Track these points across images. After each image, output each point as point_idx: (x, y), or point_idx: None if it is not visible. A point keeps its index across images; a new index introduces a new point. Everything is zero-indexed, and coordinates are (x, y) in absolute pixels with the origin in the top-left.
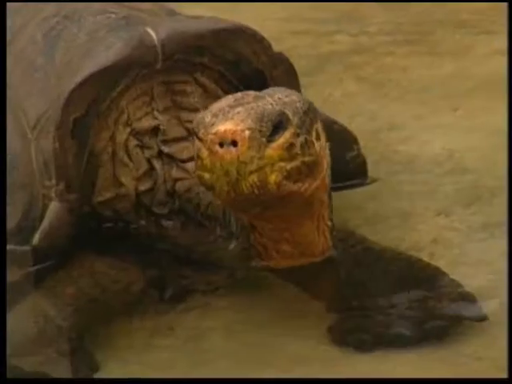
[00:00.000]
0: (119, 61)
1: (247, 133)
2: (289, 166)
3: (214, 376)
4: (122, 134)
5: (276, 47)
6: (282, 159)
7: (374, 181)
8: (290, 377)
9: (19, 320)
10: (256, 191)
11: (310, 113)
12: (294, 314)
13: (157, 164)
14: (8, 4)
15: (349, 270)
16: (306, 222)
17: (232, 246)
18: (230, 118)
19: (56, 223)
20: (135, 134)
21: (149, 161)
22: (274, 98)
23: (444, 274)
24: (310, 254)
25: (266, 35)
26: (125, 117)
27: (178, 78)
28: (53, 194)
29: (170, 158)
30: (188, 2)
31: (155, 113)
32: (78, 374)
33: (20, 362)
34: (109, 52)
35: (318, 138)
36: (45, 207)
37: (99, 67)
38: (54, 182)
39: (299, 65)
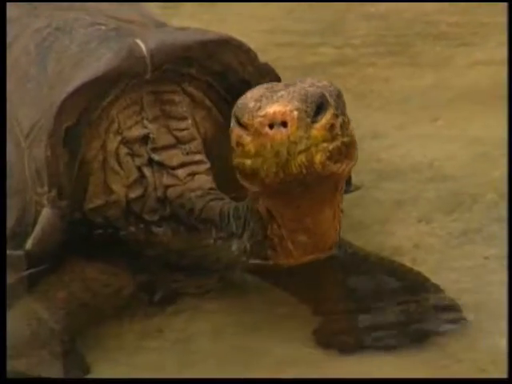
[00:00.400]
0: (110, 71)
1: (295, 113)
2: (331, 146)
3: (202, 377)
4: (113, 143)
5: (262, 58)
6: (324, 140)
7: (357, 188)
8: (276, 378)
9: (13, 323)
10: (304, 171)
11: (341, 96)
12: (280, 317)
13: (147, 172)
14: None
15: (333, 274)
16: (326, 209)
17: (234, 245)
18: (276, 101)
19: (48, 229)
20: (125, 142)
21: (139, 168)
22: (308, 83)
23: (426, 278)
24: (323, 245)
25: (252, 47)
26: (115, 126)
27: (166, 87)
28: (45, 201)
29: (161, 166)
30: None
31: (145, 122)
32: (70, 375)
33: (14, 364)
34: (99, 63)
35: (349, 121)
36: (37, 213)
37: (90, 77)
38: (46, 189)
39: (284, 75)
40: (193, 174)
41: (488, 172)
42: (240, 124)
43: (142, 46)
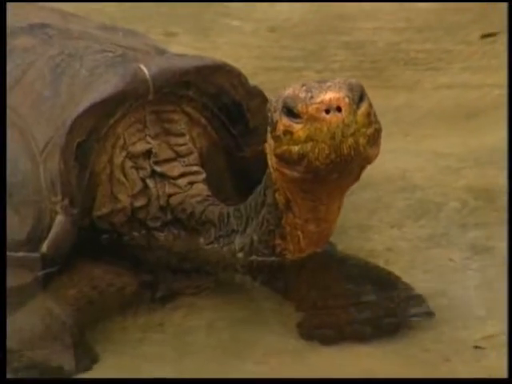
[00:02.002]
0: (116, 93)
1: (347, 100)
2: (368, 131)
3: (199, 366)
4: (119, 157)
5: (252, 81)
6: (364, 125)
7: None
8: (264, 367)
9: (29, 318)
10: (352, 153)
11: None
12: (267, 312)
13: (150, 183)
14: (17, 42)
15: (315, 274)
16: (339, 198)
17: (237, 240)
18: (328, 90)
19: (61, 234)
20: (130, 156)
21: (143, 180)
22: (342, 79)
23: (397, 277)
24: (326, 236)
25: (243, 71)
26: (121, 142)
27: (166, 107)
28: (58, 209)
29: (163, 177)
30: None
31: (148, 138)
32: (80, 364)
33: (30, 355)
34: (107, 85)
35: None
36: (52, 220)
37: (98, 99)
38: (59, 198)
39: (272, 97)
40: (192, 183)
41: (452, 183)
42: (290, 114)
43: (145, 70)
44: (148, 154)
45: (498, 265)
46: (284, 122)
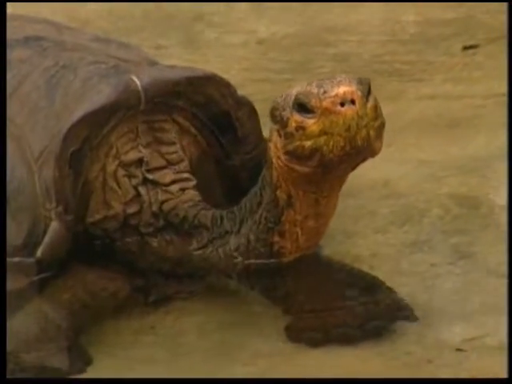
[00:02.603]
0: (109, 104)
1: (359, 93)
2: (376, 124)
3: (189, 367)
4: (112, 166)
5: (240, 92)
6: (372, 118)
7: None
8: (253, 369)
9: (24, 321)
10: (365, 144)
11: None
12: (256, 315)
13: (142, 190)
14: (13, 54)
15: (302, 279)
16: (337, 192)
17: (232, 241)
18: (340, 84)
19: (56, 239)
20: (123, 165)
21: (135, 188)
22: (346, 75)
23: (381, 282)
24: (322, 233)
25: (231, 82)
26: (114, 151)
27: (157, 117)
28: (53, 215)
29: (155, 184)
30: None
31: (139, 147)
32: (74, 366)
33: (25, 357)
34: (100, 96)
35: None
36: (46, 226)
37: (92, 109)
38: (54, 205)
39: (260, 107)
40: (183, 189)
41: (434, 190)
42: (302, 110)
43: (137, 81)
44: (140, 162)
45: (480, 270)
46: (296, 118)
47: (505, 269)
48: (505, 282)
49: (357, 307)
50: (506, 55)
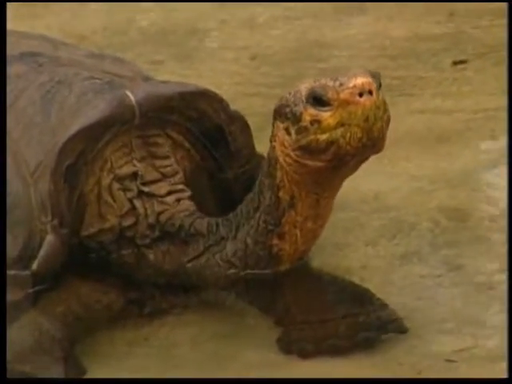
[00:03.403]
0: (103, 118)
1: (375, 84)
2: (386, 116)
3: (183, 378)
4: (106, 179)
5: (232, 106)
6: (384, 111)
7: None
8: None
9: (20, 333)
10: (380, 135)
11: None
12: (248, 327)
13: (137, 203)
14: (10, 69)
15: (293, 291)
16: (336, 192)
17: (228, 247)
18: (356, 76)
19: (51, 252)
20: (118, 179)
21: (130, 201)
22: (357, 69)
23: (372, 294)
24: (318, 235)
25: (224, 97)
26: (108, 165)
27: (151, 132)
28: (48, 229)
29: (151, 196)
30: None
31: (134, 161)
32: (68, 377)
33: (20, 368)
34: (94, 111)
35: None
36: (42, 239)
37: (87, 124)
38: (49, 218)
39: (252, 121)
40: (179, 200)
41: (424, 204)
42: (316, 104)
43: (131, 96)
44: (134, 175)
45: (469, 282)
46: (310, 111)
47: (494, 280)
48: (493, 293)
49: (348, 319)
50: (507, 58)
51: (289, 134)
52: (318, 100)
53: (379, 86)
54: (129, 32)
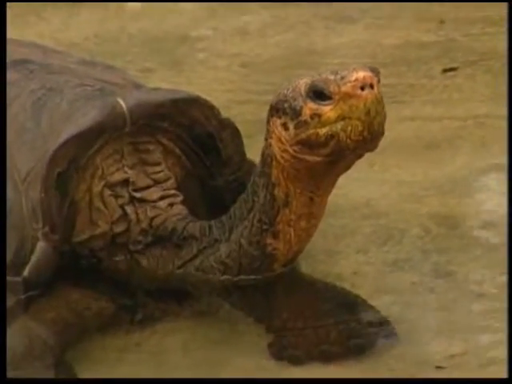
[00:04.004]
0: (94, 125)
1: (376, 78)
2: (384, 111)
3: None
4: (98, 186)
5: (224, 114)
6: (383, 105)
7: None
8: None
9: (11, 339)
10: (380, 129)
11: None
12: (240, 333)
13: (129, 210)
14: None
15: (285, 297)
16: (330, 191)
17: (222, 249)
18: (357, 70)
19: (42, 259)
20: (109, 185)
21: (122, 207)
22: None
23: (363, 301)
24: (311, 235)
25: (215, 104)
26: (99, 172)
27: (143, 139)
28: (39, 235)
29: (143, 202)
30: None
31: (125, 168)
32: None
33: (12, 374)
34: (85, 118)
35: None
36: (33, 246)
37: (78, 131)
38: (40, 225)
39: (243, 128)
40: (171, 204)
41: (414, 210)
42: (317, 98)
43: (123, 103)
44: (126, 182)
45: (459, 288)
46: (310, 105)
47: (484, 287)
48: (483, 299)
49: (339, 325)
50: (507, 62)
51: (286, 129)
52: (318, 94)
53: (378, 80)
54: (120, 39)
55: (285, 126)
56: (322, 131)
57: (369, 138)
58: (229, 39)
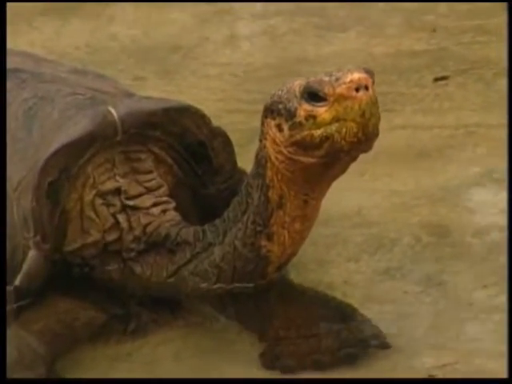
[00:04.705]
0: (85, 134)
1: (371, 79)
2: (378, 113)
3: None
4: (89, 195)
5: (215, 123)
6: (377, 107)
7: None
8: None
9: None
10: (375, 131)
11: None
12: (231, 342)
13: (121, 218)
14: None
15: (276, 306)
16: (324, 193)
17: (216, 252)
18: (352, 71)
19: (34, 268)
20: (100, 194)
21: (113, 216)
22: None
23: (354, 309)
24: (304, 238)
25: (206, 113)
26: (91, 181)
27: (134, 148)
28: (31, 244)
29: (136, 209)
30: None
31: (117, 177)
32: None
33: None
34: (77, 127)
35: None
36: (24, 255)
37: (69, 140)
38: (32, 234)
39: (234, 137)
40: (164, 211)
41: (406, 219)
42: (311, 99)
43: (114, 112)
44: (118, 191)
45: (450, 297)
46: (305, 107)
47: (475, 296)
48: (474, 309)
49: (330, 334)
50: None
51: (281, 130)
52: (313, 95)
53: (373, 82)
54: (111, 49)
55: (279, 128)
56: (317, 133)
57: (363, 139)
58: (220, 48)
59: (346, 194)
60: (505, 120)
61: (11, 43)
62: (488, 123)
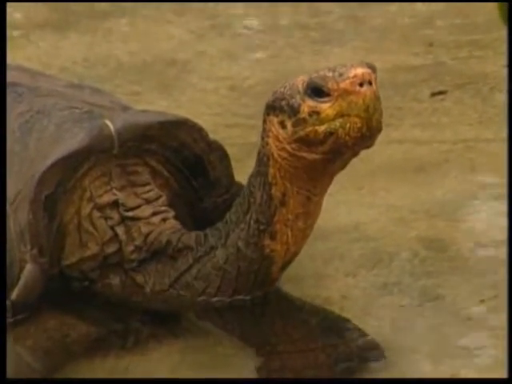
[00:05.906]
0: (82, 148)
1: (374, 75)
2: (380, 108)
3: None
4: (86, 208)
5: (212, 137)
6: (380, 102)
7: None
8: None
9: None
10: (378, 126)
11: None
12: (229, 356)
13: (119, 230)
14: None
15: (274, 320)
16: (326, 190)
17: (219, 254)
18: (355, 67)
19: (30, 282)
20: (98, 207)
21: (112, 228)
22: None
23: (352, 324)
24: (307, 236)
25: (204, 127)
26: (88, 194)
27: (131, 161)
28: (28, 258)
29: (136, 220)
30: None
31: (114, 190)
32: None
33: None
34: (73, 140)
35: None
36: (21, 268)
37: (65, 153)
38: (28, 247)
39: (231, 152)
40: (165, 219)
41: (403, 234)
42: (315, 95)
43: (110, 126)
44: (115, 203)
45: (448, 312)
46: (308, 103)
47: (472, 310)
48: (472, 323)
49: (328, 348)
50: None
51: (284, 127)
52: (316, 91)
53: (375, 77)
54: (108, 63)
55: (282, 124)
56: (321, 128)
57: (367, 134)
58: (217, 63)
59: (344, 209)
60: (503, 134)
61: (8, 57)
62: (485, 137)
